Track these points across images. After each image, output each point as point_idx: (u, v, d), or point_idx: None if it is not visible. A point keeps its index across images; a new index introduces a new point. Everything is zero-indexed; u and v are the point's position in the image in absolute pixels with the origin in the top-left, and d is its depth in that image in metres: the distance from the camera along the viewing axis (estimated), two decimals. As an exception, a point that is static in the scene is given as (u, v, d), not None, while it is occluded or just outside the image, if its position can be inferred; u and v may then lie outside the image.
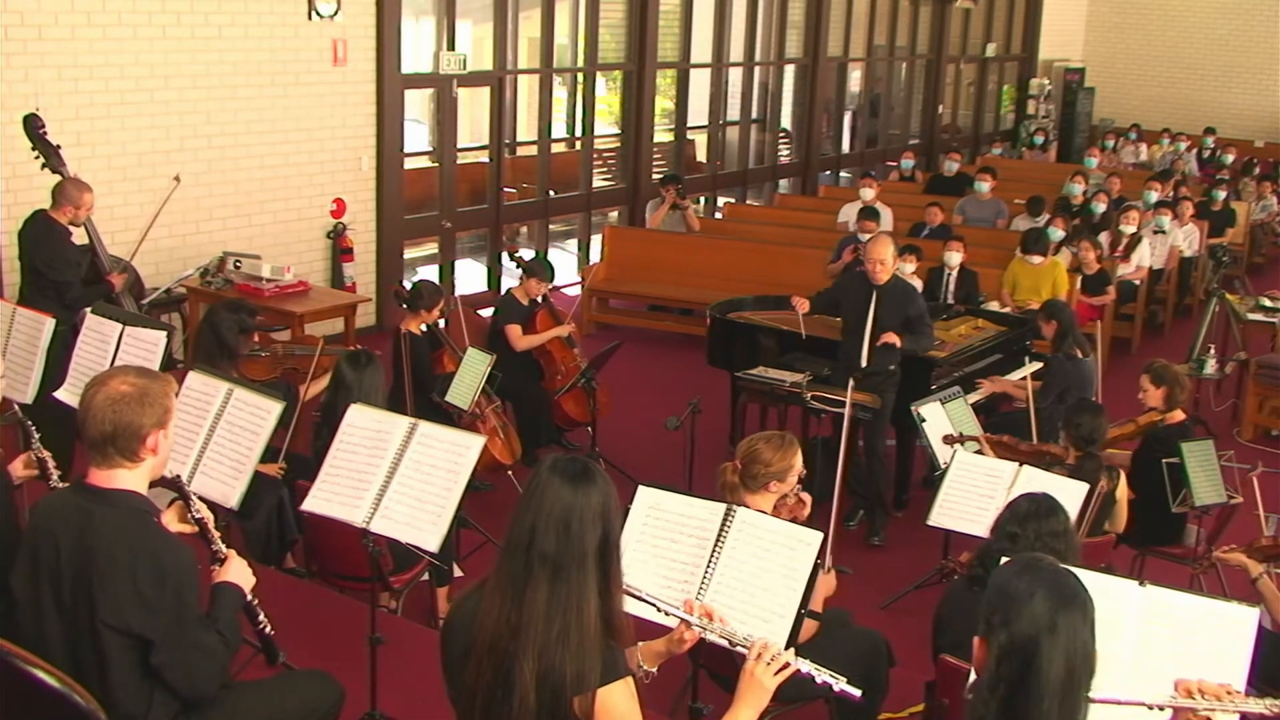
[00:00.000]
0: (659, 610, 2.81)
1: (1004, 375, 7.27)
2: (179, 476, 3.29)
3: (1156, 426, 5.87)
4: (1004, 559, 3.00)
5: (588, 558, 2.50)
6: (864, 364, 6.43)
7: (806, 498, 4.32)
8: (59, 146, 6.98)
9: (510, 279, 10.61)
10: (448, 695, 2.65)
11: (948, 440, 5.73)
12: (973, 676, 2.58)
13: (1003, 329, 7.82)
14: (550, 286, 7.57)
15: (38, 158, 6.94)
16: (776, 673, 2.65)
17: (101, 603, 2.92)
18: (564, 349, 7.48)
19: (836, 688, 2.65)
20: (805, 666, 2.66)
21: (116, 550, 2.92)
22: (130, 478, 3.03)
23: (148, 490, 3.13)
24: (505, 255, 9.50)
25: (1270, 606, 4.48)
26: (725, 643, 2.77)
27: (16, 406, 4.32)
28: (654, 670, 2.91)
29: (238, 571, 3.25)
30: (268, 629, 3.34)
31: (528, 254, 8.26)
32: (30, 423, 3.82)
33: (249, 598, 3.27)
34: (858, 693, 2.67)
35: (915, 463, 7.08)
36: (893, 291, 6.43)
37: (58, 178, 6.75)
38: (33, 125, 6.98)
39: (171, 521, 3.30)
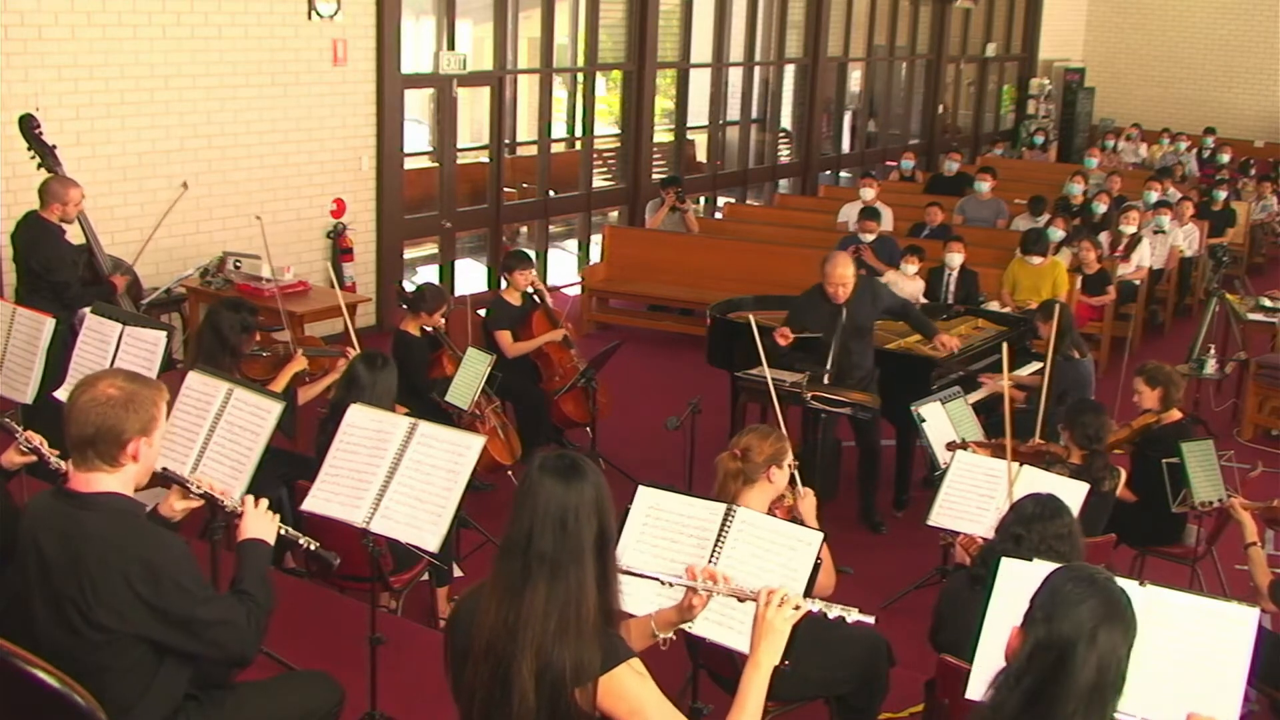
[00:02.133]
0: (663, 584, 2.82)
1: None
2: (165, 469, 3.27)
3: (1152, 428, 5.87)
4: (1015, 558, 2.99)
5: (585, 552, 2.51)
6: (827, 368, 6.44)
7: (806, 491, 4.34)
8: (54, 146, 6.99)
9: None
10: (451, 693, 2.66)
11: (950, 448, 5.73)
12: (991, 669, 2.59)
13: (1003, 329, 7.82)
14: (530, 269, 7.42)
15: (34, 158, 6.94)
16: (789, 614, 2.67)
17: (101, 609, 2.90)
18: (561, 350, 7.45)
19: (850, 619, 2.68)
20: (815, 606, 2.69)
21: (106, 557, 2.90)
22: (110, 480, 2.98)
23: (149, 489, 3.12)
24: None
25: (1255, 574, 4.71)
26: (735, 599, 2.79)
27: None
28: (671, 636, 2.93)
29: (256, 524, 3.23)
30: (311, 545, 3.35)
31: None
32: (12, 420, 3.80)
33: (282, 532, 3.26)
34: (871, 619, 2.70)
35: (915, 463, 7.08)
36: (857, 299, 6.43)
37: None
38: (28, 125, 6.99)
39: (177, 502, 3.29)
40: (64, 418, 2.98)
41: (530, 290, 7.39)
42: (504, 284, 7.50)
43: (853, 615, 2.68)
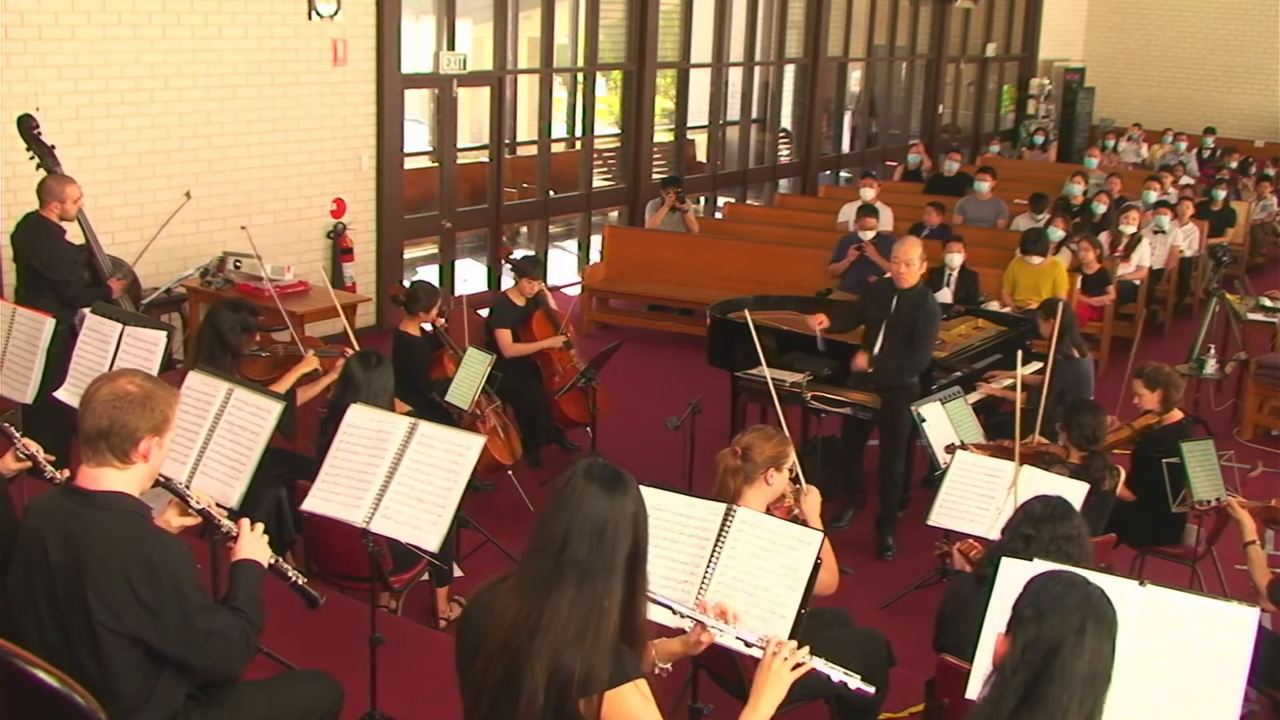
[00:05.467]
0: (675, 613, 2.82)
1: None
2: (169, 479, 3.28)
3: (1153, 428, 5.87)
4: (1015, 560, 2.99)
5: (617, 565, 2.50)
6: (868, 368, 6.38)
7: (809, 488, 4.30)
8: (54, 146, 6.98)
9: (510, 281, 10.62)
10: (458, 686, 2.65)
11: (949, 451, 5.73)
12: (985, 671, 2.60)
13: (1003, 329, 7.82)
14: (539, 279, 7.51)
15: (32, 158, 6.94)
16: (793, 669, 2.69)
17: (99, 608, 2.91)
18: (561, 351, 7.46)
19: (852, 686, 2.71)
20: (821, 665, 2.70)
21: (109, 556, 2.91)
22: (119, 479, 3.01)
23: (149, 492, 3.13)
24: (502, 260, 9.43)
25: (1254, 573, 4.73)
26: (741, 644, 2.79)
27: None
28: (669, 667, 2.93)
29: (251, 545, 3.24)
30: (299, 580, 3.34)
31: (520, 255, 8.22)
32: (10, 425, 3.81)
33: (272, 561, 3.26)
34: (872, 689, 2.72)
35: (915, 463, 7.08)
36: (911, 295, 6.30)
37: (55, 178, 6.75)
38: (27, 125, 6.98)
39: (174, 518, 3.30)
40: (80, 410, 3.01)
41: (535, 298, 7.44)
42: (510, 283, 7.53)
43: (854, 683, 2.71)
